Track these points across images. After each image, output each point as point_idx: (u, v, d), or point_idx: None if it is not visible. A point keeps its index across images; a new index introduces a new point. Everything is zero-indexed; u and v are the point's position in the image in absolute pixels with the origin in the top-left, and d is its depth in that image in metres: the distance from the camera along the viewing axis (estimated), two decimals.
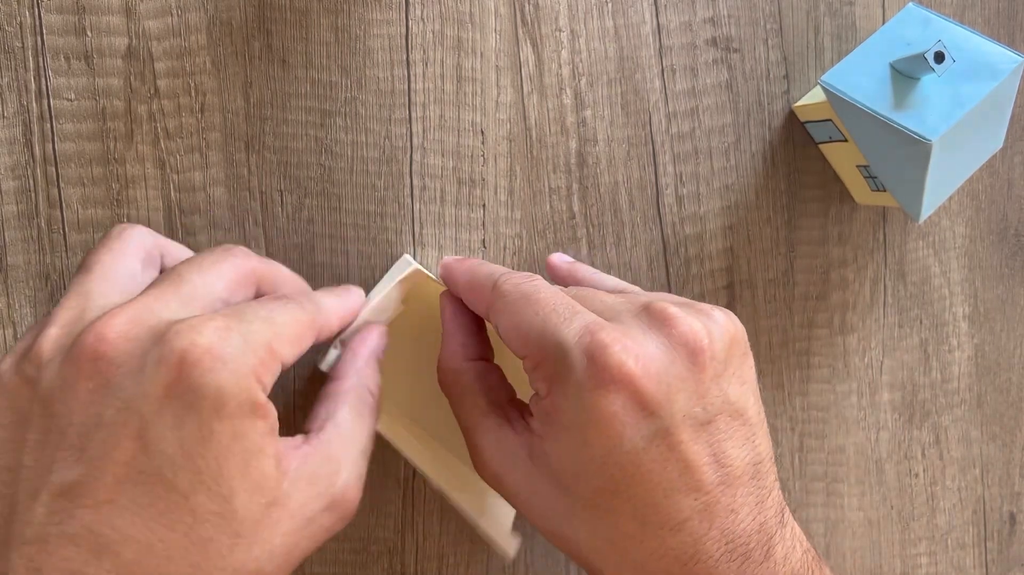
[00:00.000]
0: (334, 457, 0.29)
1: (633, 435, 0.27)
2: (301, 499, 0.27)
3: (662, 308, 0.28)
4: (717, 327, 0.28)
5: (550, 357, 0.28)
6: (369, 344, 0.33)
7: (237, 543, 0.26)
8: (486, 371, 0.33)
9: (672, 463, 0.27)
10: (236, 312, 0.27)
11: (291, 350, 0.28)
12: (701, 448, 0.27)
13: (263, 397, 0.26)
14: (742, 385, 0.29)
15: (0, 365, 0.27)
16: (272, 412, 0.26)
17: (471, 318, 0.34)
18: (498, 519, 0.36)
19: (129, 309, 0.26)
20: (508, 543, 0.35)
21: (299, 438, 0.29)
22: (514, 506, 0.30)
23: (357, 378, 0.31)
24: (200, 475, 0.25)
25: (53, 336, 0.26)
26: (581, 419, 0.27)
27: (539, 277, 0.31)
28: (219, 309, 0.28)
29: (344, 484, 0.29)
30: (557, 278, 0.37)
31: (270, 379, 0.27)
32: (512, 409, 0.31)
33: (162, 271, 0.31)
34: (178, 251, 0.32)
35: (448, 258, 0.35)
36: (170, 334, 0.25)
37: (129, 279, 0.29)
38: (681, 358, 0.27)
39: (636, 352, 0.27)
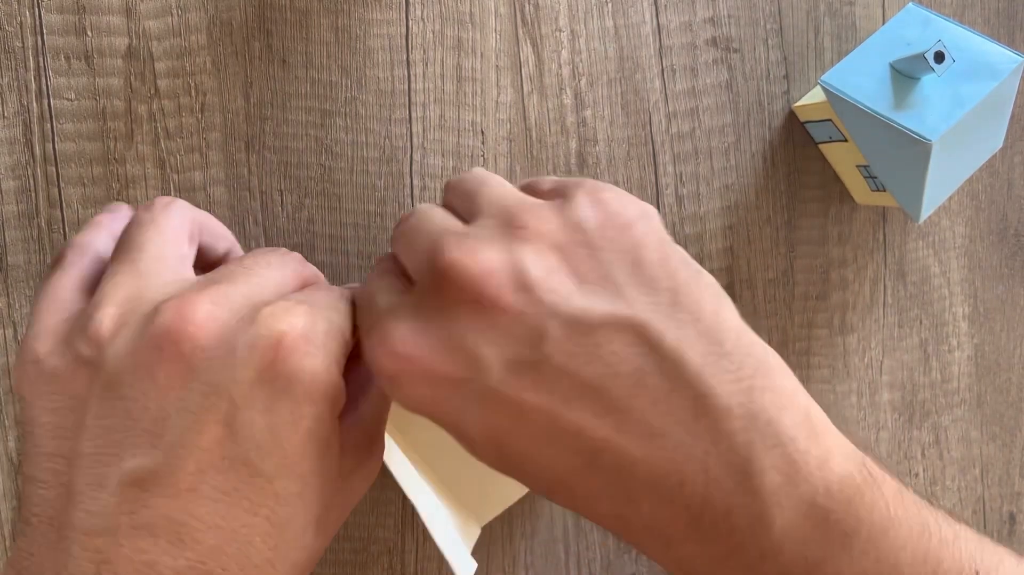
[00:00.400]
0: (369, 432, 0.29)
1: (460, 406, 0.24)
2: (347, 472, 0.27)
3: (443, 265, 0.24)
4: (530, 251, 0.24)
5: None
6: None
7: (311, 522, 0.26)
8: None
9: (528, 415, 0.24)
10: (310, 299, 0.26)
11: (353, 338, 0.27)
12: (552, 387, 0.23)
13: (343, 382, 0.26)
14: (602, 286, 0.24)
15: (36, 348, 0.26)
16: (344, 395, 0.26)
17: None
18: (456, 543, 0.35)
19: (210, 291, 0.25)
20: (463, 568, 0.34)
21: None
22: None
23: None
24: (286, 459, 0.25)
25: (112, 315, 0.25)
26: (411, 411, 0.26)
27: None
28: None
29: (377, 457, 0.29)
30: None
31: (342, 359, 0.26)
32: None
33: (200, 247, 0.31)
34: (215, 225, 0.31)
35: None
36: (264, 316, 0.25)
37: (180, 260, 0.28)
38: (466, 312, 0.24)
39: (400, 340, 0.24)
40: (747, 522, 0.23)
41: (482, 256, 0.24)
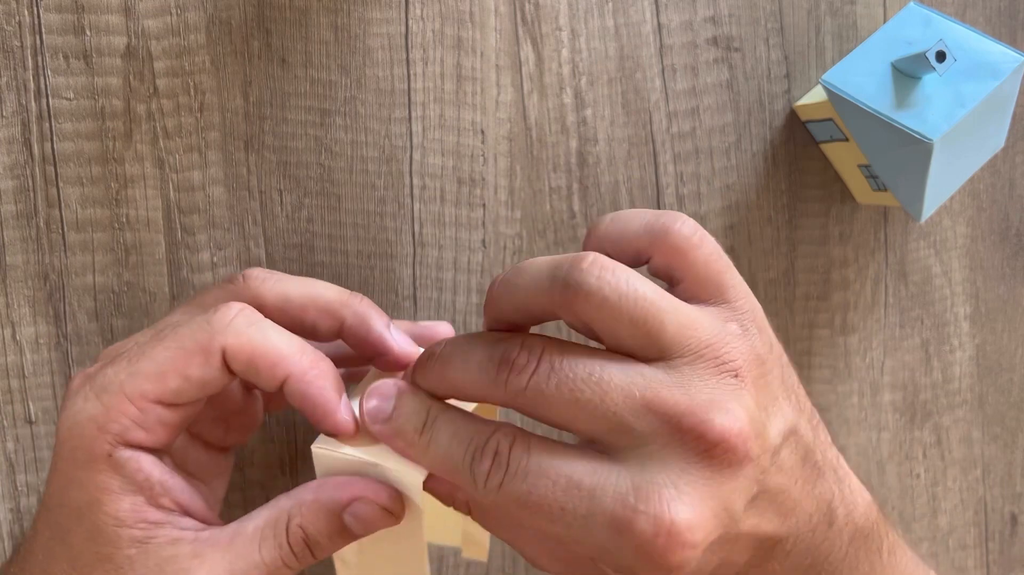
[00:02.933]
0: (200, 555, 0.26)
1: (712, 558, 0.25)
2: (142, 574, 0.26)
3: (714, 435, 0.23)
4: (747, 395, 0.25)
5: (598, 559, 0.24)
6: (331, 492, 0.27)
7: (72, 573, 0.26)
8: None
9: (749, 538, 0.26)
10: (112, 358, 0.27)
11: (161, 386, 0.25)
12: (761, 508, 0.26)
13: (103, 448, 0.25)
14: (773, 405, 0.26)
15: None
16: (128, 466, 0.25)
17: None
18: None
19: None
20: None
21: (203, 526, 0.27)
22: None
23: (288, 503, 0.27)
24: (52, 501, 0.27)
25: None
26: None
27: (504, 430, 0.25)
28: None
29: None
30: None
31: (127, 423, 0.25)
32: None
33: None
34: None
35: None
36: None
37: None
38: (722, 472, 0.24)
39: (688, 528, 0.23)
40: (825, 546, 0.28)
41: (736, 416, 0.24)
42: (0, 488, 0.36)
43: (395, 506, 0.27)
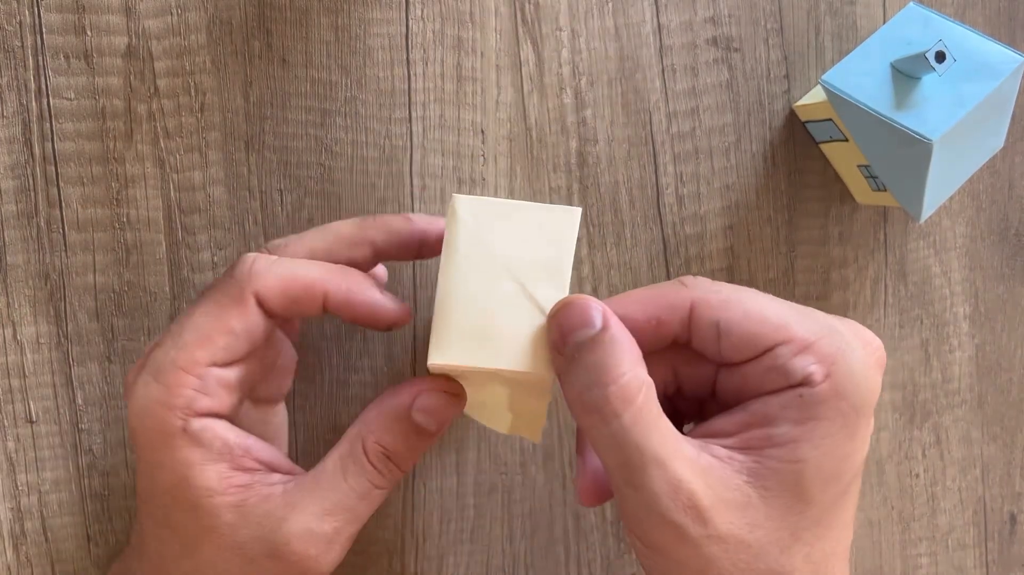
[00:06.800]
0: (292, 503, 0.27)
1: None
2: (246, 536, 0.26)
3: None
4: None
5: (826, 334, 0.25)
6: (393, 399, 0.28)
7: (184, 553, 0.27)
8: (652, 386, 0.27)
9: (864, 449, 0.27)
10: (154, 345, 0.28)
11: (210, 348, 0.26)
12: None
13: (176, 424, 0.26)
14: None
15: None
16: (204, 435, 0.26)
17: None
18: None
19: None
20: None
21: (290, 477, 0.28)
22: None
23: (358, 428, 0.29)
24: (145, 492, 0.27)
25: None
26: (861, 402, 0.25)
27: None
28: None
29: (288, 534, 0.27)
30: None
31: (191, 393, 0.26)
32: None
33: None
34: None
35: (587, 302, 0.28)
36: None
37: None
38: None
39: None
40: None
41: None
42: (0, 487, 0.36)
43: (455, 387, 0.28)
